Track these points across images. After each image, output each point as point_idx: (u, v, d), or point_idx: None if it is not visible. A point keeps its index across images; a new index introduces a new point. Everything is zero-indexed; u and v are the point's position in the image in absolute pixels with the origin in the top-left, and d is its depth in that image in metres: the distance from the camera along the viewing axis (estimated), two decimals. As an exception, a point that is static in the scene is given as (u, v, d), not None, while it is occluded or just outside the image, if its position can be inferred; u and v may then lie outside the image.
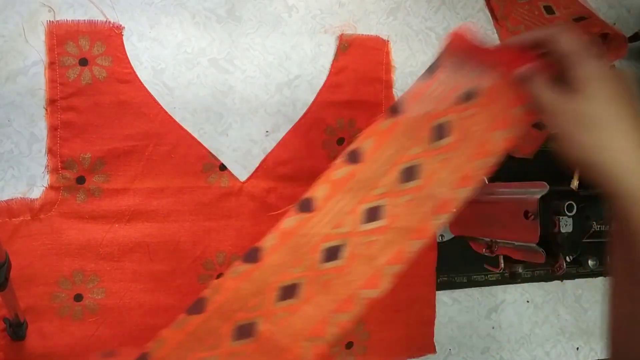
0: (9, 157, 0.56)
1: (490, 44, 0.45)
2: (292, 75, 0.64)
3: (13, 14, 0.55)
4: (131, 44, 0.58)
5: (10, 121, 0.55)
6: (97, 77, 0.57)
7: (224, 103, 0.62)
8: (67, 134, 0.56)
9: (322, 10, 0.65)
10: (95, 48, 0.57)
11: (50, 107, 0.56)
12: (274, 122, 0.63)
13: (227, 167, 0.61)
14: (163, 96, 0.59)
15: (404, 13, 0.69)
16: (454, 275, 0.71)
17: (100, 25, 0.57)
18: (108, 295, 0.57)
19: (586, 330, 0.76)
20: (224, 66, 0.62)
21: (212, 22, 0.61)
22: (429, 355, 0.69)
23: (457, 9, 0.72)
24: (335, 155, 0.64)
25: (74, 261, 0.56)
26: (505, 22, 0.73)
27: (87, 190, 0.57)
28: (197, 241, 0.60)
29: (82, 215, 0.57)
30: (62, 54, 0.56)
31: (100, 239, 0.57)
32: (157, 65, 0.59)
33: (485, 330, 0.73)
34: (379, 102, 0.67)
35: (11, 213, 0.55)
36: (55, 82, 0.56)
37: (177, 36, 0.60)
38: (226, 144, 0.62)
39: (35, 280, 0.55)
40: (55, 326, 0.56)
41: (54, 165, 0.56)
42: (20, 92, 0.56)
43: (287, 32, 0.64)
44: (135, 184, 0.58)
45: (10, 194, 0.55)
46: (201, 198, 0.60)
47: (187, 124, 0.60)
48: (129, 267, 0.58)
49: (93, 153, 0.57)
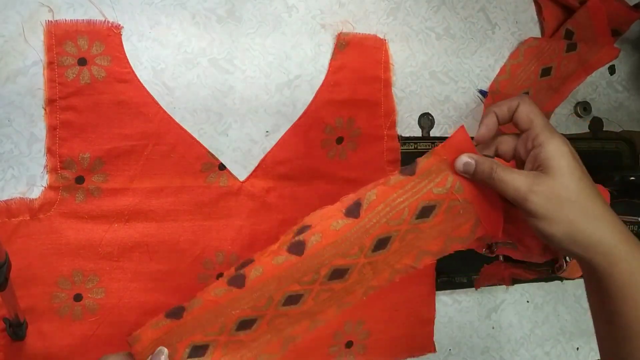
0: (8, 157, 0.56)
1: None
2: (292, 75, 0.64)
3: (13, 14, 0.55)
4: (131, 44, 0.58)
5: (10, 121, 0.56)
6: (96, 76, 0.57)
7: (224, 103, 0.62)
8: (66, 133, 0.56)
9: (322, 10, 0.65)
10: (94, 48, 0.57)
11: (49, 107, 0.56)
12: (274, 122, 0.63)
13: (226, 167, 0.61)
14: (163, 96, 0.59)
15: (403, 13, 0.69)
16: (454, 275, 0.71)
17: (99, 25, 0.57)
18: (108, 295, 0.57)
19: (586, 330, 0.76)
20: (224, 66, 0.62)
21: (212, 22, 0.62)
22: (428, 355, 0.69)
23: (457, 9, 0.72)
24: (335, 154, 0.64)
25: (74, 261, 0.56)
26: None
27: (86, 190, 0.57)
28: (197, 241, 0.60)
29: (82, 215, 0.57)
30: (61, 54, 0.56)
31: (100, 238, 0.57)
32: (157, 66, 0.59)
33: (485, 330, 0.73)
34: (378, 100, 0.67)
35: (10, 213, 0.55)
36: (54, 81, 0.56)
37: (177, 36, 0.60)
38: (226, 144, 0.62)
39: (35, 280, 0.55)
40: (55, 326, 0.56)
41: (53, 165, 0.56)
42: (20, 92, 0.56)
43: (287, 32, 0.64)
44: (135, 184, 0.58)
45: (10, 194, 0.56)
46: (200, 197, 0.60)
47: (187, 124, 0.60)
48: (129, 266, 0.58)
49: (92, 153, 0.57)
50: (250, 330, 0.46)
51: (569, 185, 0.41)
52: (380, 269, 0.47)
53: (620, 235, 0.41)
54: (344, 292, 0.47)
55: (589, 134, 0.78)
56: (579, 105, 0.77)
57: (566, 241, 0.41)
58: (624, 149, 0.78)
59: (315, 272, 0.45)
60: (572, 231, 0.41)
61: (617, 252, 0.40)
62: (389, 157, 0.67)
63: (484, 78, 0.73)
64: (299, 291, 0.45)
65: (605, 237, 0.41)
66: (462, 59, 0.72)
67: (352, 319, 0.65)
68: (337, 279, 0.46)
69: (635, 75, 0.81)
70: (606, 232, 0.41)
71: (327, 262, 0.45)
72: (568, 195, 0.41)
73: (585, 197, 0.41)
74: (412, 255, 0.47)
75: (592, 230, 0.41)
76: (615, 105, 0.80)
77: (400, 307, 0.67)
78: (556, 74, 0.73)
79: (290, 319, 0.47)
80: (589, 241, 0.41)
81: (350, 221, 0.45)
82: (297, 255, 0.44)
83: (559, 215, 0.41)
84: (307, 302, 0.46)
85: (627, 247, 0.41)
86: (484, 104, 0.70)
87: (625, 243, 0.41)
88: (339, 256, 0.45)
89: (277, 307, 0.45)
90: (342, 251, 0.45)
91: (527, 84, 0.73)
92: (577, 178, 0.42)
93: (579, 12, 0.73)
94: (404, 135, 0.69)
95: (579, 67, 0.74)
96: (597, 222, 0.41)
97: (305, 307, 0.46)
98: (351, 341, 0.66)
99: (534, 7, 0.75)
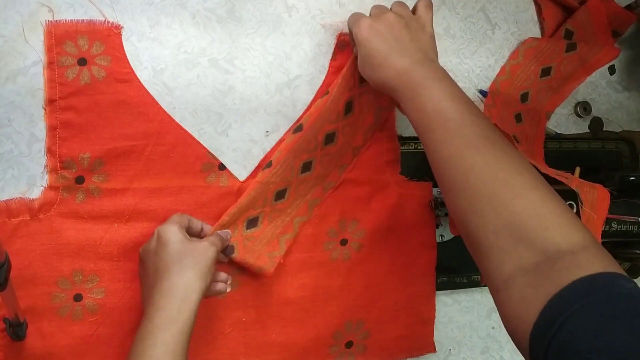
0: (8, 157, 0.56)
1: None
2: (292, 75, 0.64)
3: (13, 14, 0.55)
4: (131, 44, 0.58)
5: (10, 121, 0.56)
6: (96, 76, 0.57)
7: (224, 103, 0.62)
8: (66, 133, 0.56)
9: (322, 10, 0.65)
10: (94, 48, 0.57)
11: (49, 107, 0.56)
12: (274, 122, 0.63)
13: (226, 167, 0.61)
14: (163, 96, 0.59)
15: (404, 13, 0.69)
16: (454, 275, 0.71)
17: (99, 25, 0.57)
18: (107, 295, 0.57)
19: (586, 330, 0.76)
20: (224, 66, 0.62)
21: (212, 22, 0.61)
22: (428, 355, 0.70)
23: (457, 9, 0.71)
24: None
25: (73, 261, 0.56)
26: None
27: (86, 190, 0.57)
28: (197, 241, 0.60)
29: (81, 215, 0.57)
30: (61, 54, 0.56)
31: (100, 238, 0.57)
32: (157, 66, 0.59)
33: (485, 330, 0.73)
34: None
35: (10, 213, 0.55)
36: (54, 82, 0.56)
37: (177, 36, 0.60)
38: (226, 144, 0.62)
39: (35, 280, 0.55)
40: (55, 326, 0.56)
41: (53, 165, 0.56)
42: (20, 93, 0.56)
43: (287, 32, 0.64)
44: (135, 184, 0.58)
45: (10, 194, 0.56)
46: (200, 197, 0.60)
47: (187, 124, 0.60)
48: (129, 266, 0.58)
49: (92, 153, 0.57)
50: (284, 199, 0.61)
51: (365, 38, 0.56)
52: (357, 128, 0.64)
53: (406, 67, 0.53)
54: (339, 155, 0.63)
55: (589, 134, 0.78)
56: (579, 105, 0.77)
57: (374, 83, 0.56)
58: (624, 149, 0.78)
59: (315, 138, 0.61)
60: (371, 77, 0.56)
61: (397, 78, 0.53)
62: (388, 157, 0.67)
63: (484, 78, 0.73)
64: (309, 158, 0.61)
65: (387, 74, 0.54)
66: (462, 59, 0.72)
67: (352, 319, 0.65)
68: (329, 142, 0.62)
69: (635, 76, 0.81)
70: (387, 70, 0.54)
71: (320, 129, 0.61)
72: (366, 52, 0.56)
73: (375, 53, 0.55)
74: (371, 115, 0.64)
75: (376, 74, 0.56)
76: (615, 105, 0.80)
77: (400, 307, 0.67)
78: (556, 74, 0.73)
79: (309, 184, 0.63)
80: (381, 79, 0.55)
81: (326, 97, 0.61)
82: (300, 132, 0.60)
83: (364, 68, 0.57)
84: (316, 168, 0.62)
85: (412, 73, 0.53)
86: (484, 104, 0.70)
87: (410, 70, 0.53)
88: (326, 123, 0.61)
89: (297, 175, 0.61)
90: (326, 119, 0.60)
91: (527, 84, 0.73)
92: (371, 34, 0.55)
93: (579, 12, 0.73)
94: (404, 135, 0.69)
95: (579, 67, 0.74)
96: (379, 66, 0.55)
97: (316, 172, 0.62)
98: (351, 341, 0.66)
99: (534, 7, 0.75)
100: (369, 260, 0.66)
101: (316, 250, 0.64)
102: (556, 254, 0.40)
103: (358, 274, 0.66)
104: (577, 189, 0.57)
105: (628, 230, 0.64)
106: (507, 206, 0.43)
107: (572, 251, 0.40)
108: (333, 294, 0.65)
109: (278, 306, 0.62)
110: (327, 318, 0.64)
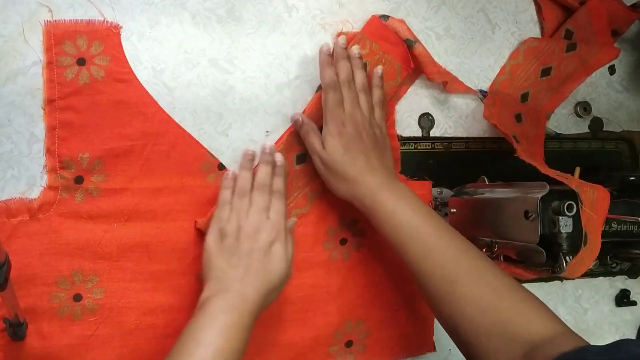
0: (8, 157, 0.56)
1: None
2: (292, 75, 0.64)
3: (13, 14, 0.55)
4: (131, 44, 0.58)
5: (10, 121, 0.56)
6: (95, 76, 0.57)
7: (224, 103, 0.62)
8: (65, 133, 0.56)
9: (322, 10, 0.65)
10: (93, 47, 0.57)
11: (48, 107, 0.56)
12: (274, 122, 0.63)
13: (225, 167, 0.61)
14: (163, 96, 0.59)
15: (403, 13, 0.69)
16: (454, 275, 0.71)
17: (98, 25, 0.57)
18: (107, 295, 0.57)
19: (586, 330, 0.76)
20: (224, 66, 0.62)
21: (212, 22, 0.61)
22: (428, 354, 0.69)
23: (457, 9, 0.71)
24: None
25: (73, 261, 0.56)
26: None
27: (86, 190, 0.57)
28: (196, 240, 0.60)
29: (81, 215, 0.57)
30: (60, 54, 0.56)
31: (99, 238, 0.57)
32: (157, 66, 0.59)
33: (485, 331, 0.72)
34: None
35: (10, 213, 0.55)
36: (53, 82, 0.56)
37: (177, 36, 0.60)
38: (226, 144, 0.62)
39: (35, 280, 0.55)
40: (55, 326, 0.56)
41: (52, 165, 0.56)
42: (20, 93, 0.56)
43: (287, 32, 0.64)
44: (134, 184, 0.58)
45: (10, 194, 0.55)
46: (200, 197, 0.60)
47: (187, 124, 0.60)
48: (128, 266, 0.58)
49: (91, 153, 0.56)
50: (305, 164, 0.64)
51: (334, 159, 0.59)
52: None
53: (372, 186, 0.58)
54: None
55: (589, 134, 0.78)
56: (579, 105, 0.77)
57: (343, 196, 0.60)
58: (624, 149, 0.78)
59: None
60: (338, 190, 0.60)
61: (371, 197, 0.57)
62: (388, 157, 0.67)
63: (484, 78, 0.73)
64: (302, 151, 0.63)
65: (360, 192, 0.58)
66: (462, 59, 0.72)
67: (352, 319, 0.65)
68: None
69: (635, 75, 0.81)
70: (360, 188, 0.58)
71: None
72: (333, 165, 0.59)
73: (342, 166, 0.58)
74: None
75: (346, 189, 0.59)
76: (615, 105, 0.80)
77: (400, 307, 0.67)
78: (556, 74, 0.73)
79: (306, 177, 0.64)
80: (353, 195, 0.59)
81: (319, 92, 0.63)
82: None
83: (330, 179, 0.60)
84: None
85: (376, 193, 0.57)
86: (484, 104, 0.70)
87: (375, 190, 0.57)
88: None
89: (293, 167, 0.63)
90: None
91: (527, 84, 0.73)
92: (340, 153, 0.58)
93: (579, 12, 0.73)
94: (404, 135, 0.69)
95: (579, 67, 0.74)
96: (352, 184, 0.58)
97: (312, 165, 0.63)
98: (351, 340, 0.66)
99: (534, 7, 0.75)
100: (368, 259, 0.66)
101: (316, 249, 0.64)
102: (540, 341, 0.46)
103: (358, 273, 0.66)
104: (577, 189, 0.57)
105: (628, 230, 0.64)
106: (495, 308, 0.50)
107: (553, 336, 0.47)
108: (333, 293, 0.65)
109: (278, 306, 0.62)
110: (327, 317, 0.64)
